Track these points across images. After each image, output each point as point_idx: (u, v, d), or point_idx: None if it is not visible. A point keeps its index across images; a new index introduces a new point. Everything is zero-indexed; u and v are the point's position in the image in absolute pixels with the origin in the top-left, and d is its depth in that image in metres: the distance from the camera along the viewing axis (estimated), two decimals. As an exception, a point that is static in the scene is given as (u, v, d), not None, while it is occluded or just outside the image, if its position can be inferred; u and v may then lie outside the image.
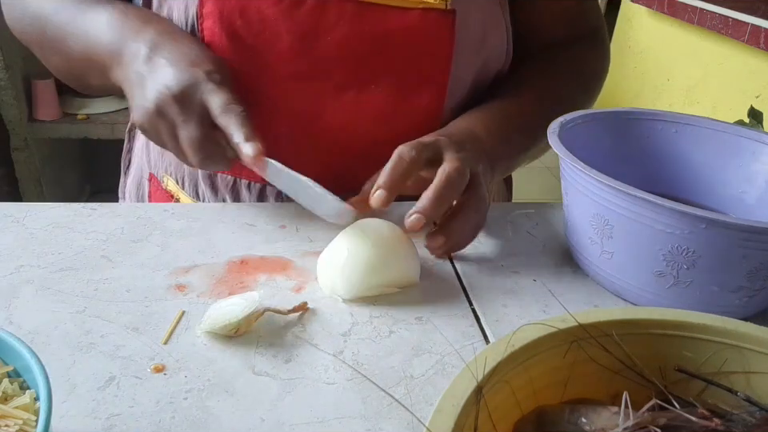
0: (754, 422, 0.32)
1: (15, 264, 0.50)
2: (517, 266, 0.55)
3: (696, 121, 0.60)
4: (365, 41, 0.58)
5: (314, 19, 0.57)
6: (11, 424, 0.29)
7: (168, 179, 0.69)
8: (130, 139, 0.78)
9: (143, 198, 0.74)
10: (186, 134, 0.52)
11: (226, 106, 0.51)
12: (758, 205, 0.56)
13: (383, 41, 0.58)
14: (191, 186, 0.67)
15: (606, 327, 0.34)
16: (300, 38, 0.57)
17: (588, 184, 0.48)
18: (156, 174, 0.71)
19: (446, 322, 0.47)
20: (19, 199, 1.87)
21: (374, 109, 0.61)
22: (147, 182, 0.73)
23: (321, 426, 0.37)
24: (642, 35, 1.82)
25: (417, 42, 0.59)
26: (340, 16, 0.57)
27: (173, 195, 0.69)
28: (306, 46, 0.58)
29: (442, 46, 0.60)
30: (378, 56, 0.59)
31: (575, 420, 0.33)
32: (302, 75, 0.59)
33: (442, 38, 0.59)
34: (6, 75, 1.71)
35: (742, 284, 0.46)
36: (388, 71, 0.60)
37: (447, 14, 0.59)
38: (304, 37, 0.57)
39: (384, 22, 0.58)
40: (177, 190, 0.68)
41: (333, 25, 0.57)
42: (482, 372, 0.30)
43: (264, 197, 0.65)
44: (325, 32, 0.57)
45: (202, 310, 0.45)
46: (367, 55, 0.59)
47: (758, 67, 1.37)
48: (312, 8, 0.56)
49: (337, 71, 0.59)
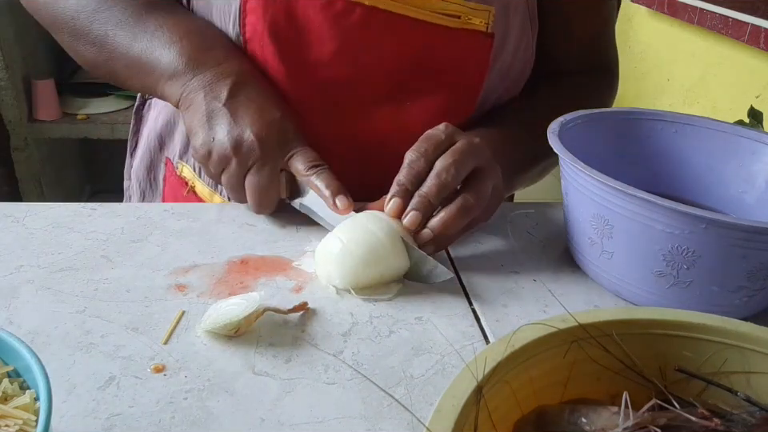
0: (753, 421, 0.32)
1: (15, 264, 0.50)
2: (517, 266, 0.55)
3: (696, 121, 0.60)
4: (406, 57, 0.59)
5: (360, 30, 0.57)
6: (11, 424, 0.29)
7: (183, 166, 0.69)
8: (137, 121, 0.79)
9: (155, 181, 0.74)
10: (256, 180, 0.54)
11: (313, 163, 0.54)
12: (757, 205, 0.56)
13: (424, 58, 0.60)
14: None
15: (605, 327, 0.34)
16: (344, 47, 0.58)
17: (588, 184, 0.48)
18: (172, 159, 0.71)
19: (445, 322, 0.47)
20: (19, 199, 1.87)
21: (408, 122, 0.61)
22: (163, 165, 0.73)
23: (321, 426, 0.37)
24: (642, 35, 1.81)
25: (455, 62, 0.61)
26: (386, 29, 0.58)
27: (187, 182, 0.69)
28: (349, 54, 0.58)
29: (478, 67, 0.61)
30: (418, 73, 0.60)
31: (575, 420, 0.33)
32: (341, 83, 0.60)
33: (479, 59, 0.61)
34: (6, 75, 1.71)
35: (742, 284, 0.46)
36: (425, 88, 0.61)
37: (487, 37, 0.60)
38: (348, 46, 0.58)
39: (427, 39, 0.59)
40: (192, 177, 0.68)
41: (378, 37, 0.58)
42: (482, 372, 0.30)
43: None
44: (369, 43, 0.58)
45: (202, 310, 0.45)
46: (407, 71, 0.60)
47: (757, 67, 1.37)
48: (360, 18, 0.57)
49: (376, 83, 0.60)
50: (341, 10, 0.57)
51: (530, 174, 0.69)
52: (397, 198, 0.51)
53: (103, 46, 0.61)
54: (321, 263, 0.51)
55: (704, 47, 1.57)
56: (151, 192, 0.76)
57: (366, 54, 0.59)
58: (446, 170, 0.51)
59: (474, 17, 0.59)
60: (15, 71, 1.75)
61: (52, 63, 1.97)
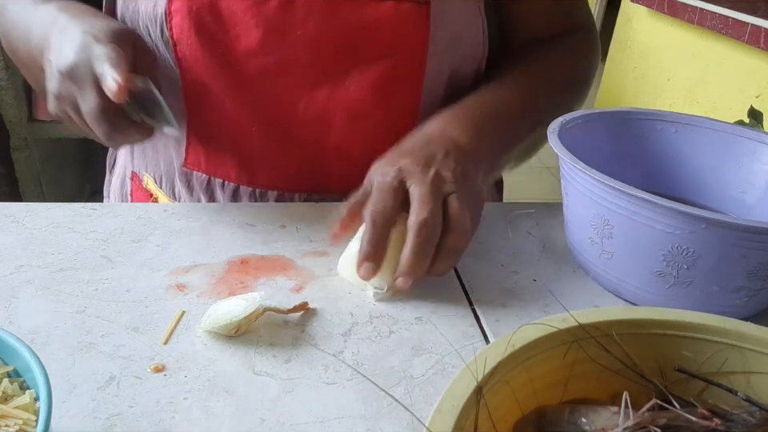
0: (753, 421, 0.32)
1: (15, 264, 0.50)
2: (517, 266, 0.55)
3: (696, 121, 0.60)
4: (336, 35, 0.57)
5: (282, 13, 0.56)
6: (11, 424, 0.29)
7: (148, 178, 0.69)
8: None
9: (126, 197, 0.74)
10: (86, 107, 0.51)
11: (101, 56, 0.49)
12: (757, 205, 0.56)
13: (355, 35, 0.57)
14: (168, 185, 0.67)
15: (606, 327, 0.34)
16: (269, 33, 0.56)
17: (588, 184, 0.48)
18: (138, 172, 0.71)
19: (445, 321, 0.47)
20: (19, 199, 1.87)
21: (348, 105, 0.60)
22: (129, 180, 0.73)
23: (321, 426, 0.37)
24: (642, 35, 1.81)
25: (390, 36, 0.58)
26: (309, 10, 0.56)
27: (152, 194, 0.69)
28: (276, 41, 0.57)
29: (417, 40, 0.58)
30: (351, 51, 0.58)
31: (575, 420, 0.33)
32: (272, 71, 0.58)
33: (417, 31, 0.58)
34: (5, 75, 1.71)
35: (742, 284, 0.46)
36: (361, 66, 0.59)
37: (422, 7, 0.57)
38: (273, 32, 0.56)
39: (356, 15, 0.57)
40: (155, 189, 0.68)
41: (302, 19, 0.56)
42: (482, 372, 0.30)
43: (238, 196, 0.64)
44: (294, 27, 0.56)
45: (202, 310, 0.45)
46: (339, 50, 0.58)
47: (757, 67, 1.37)
48: (280, 3, 0.56)
49: (308, 66, 0.58)
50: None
51: (517, 151, 0.64)
52: (368, 263, 0.48)
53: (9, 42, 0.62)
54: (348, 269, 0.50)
55: (704, 47, 1.57)
56: None
57: (291, 39, 0.57)
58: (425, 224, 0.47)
59: None
60: (15, 71, 1.75)
61: (52, 63, 1.96)
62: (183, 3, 0.56)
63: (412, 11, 0.57)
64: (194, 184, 0.65)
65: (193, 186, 0.65)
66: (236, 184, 0.64)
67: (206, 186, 0.65)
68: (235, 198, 0.64)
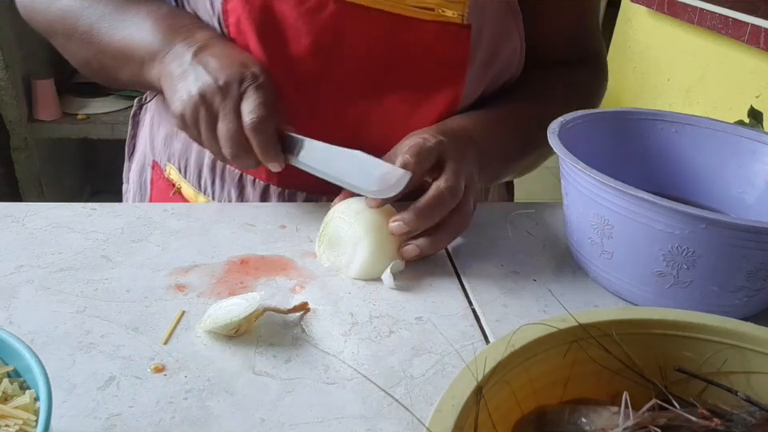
0: (753, 421, 0.32)
1: (15, 264, 0.50)
2: (517, 266, 0.55)
3: (696, 121, 0.60)
4: (381, 50, 0.59)
5: (333, 24, 0.57)
6: (11, 424, 0.29)
7: (171, 168, 0.69)
8: (134, 125, 0.79)
9: (144, 185, 0.74)
10: (225, 125, 0.53)
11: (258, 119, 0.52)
12: (757, 205, 0.56)
13: (400, 51, 0.59)
14: (194, 175, 0.67)
15: (605, 327, 0.34)
16: (318, 42, 0.58)
17: (588, 184, 0.48)
18: (159, 162, 0.71)
19: (445, 321, 0.47)
20: (19, 199, 1.87)
21: (386, 115, 0.61)
22: (150, 169, 0.73)
23: (321, 426, 0.37)
24: (642, 35, 1.81)
25: (432, 55, 0.60)
26: (359, 24, 0.58)
27: (174, 184, 0.69)
28: (324, 50, 0.58)
29: (458, 59, 0.61)
30: (394, 66, 0.60)
31: (575, 420, 0.33)
32: (317, 78, 0.60)
33: (458, 51, 0.60)
34: (6, 75, 1.71)
35: (742, 284, 0.46)
36: (403, 81, 0.61)
37: (463, 29, 0.59)
38: (322, 41, 0.58)
39: (402, 32, 0.59)
40: (179, 179, 0.69)
41: (351, 32, 0.58)
42: (482, 372, 0.30)
43: (267, 195, 0.65)
44: (342, 38, 0.58)
45: (201, 310, 0.45)
46: (383, 64, 0.60)
47: (757, 67, 1.37)
48: (333, 13, 0.57)
49: (352, 77, 0.60)
50: (314, 6, 0.57)
51: (518, 165, 0.69)
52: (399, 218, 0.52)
53: (90, 41, 0.62)
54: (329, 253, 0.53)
55: (704, 47, 1.57)
56: (140, 195, 0.76)
57: (339, 49, 0.58)
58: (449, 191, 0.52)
59: (447, 8, 0.58)
60: (15, 71, 1.75)
61: (52, 63, 1.97)
62: (238, 3, 0.58)
63: (454, 32, 0.59)
64: (226, 177, 0.66)
65: (225, 179, 0.66)
66: (266, 183, 0.65)
67: (238, 181, 0.66)
68: (265, 197, 0.65)
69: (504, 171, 0.68)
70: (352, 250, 0.51)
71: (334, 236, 0.53)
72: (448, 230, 0.53)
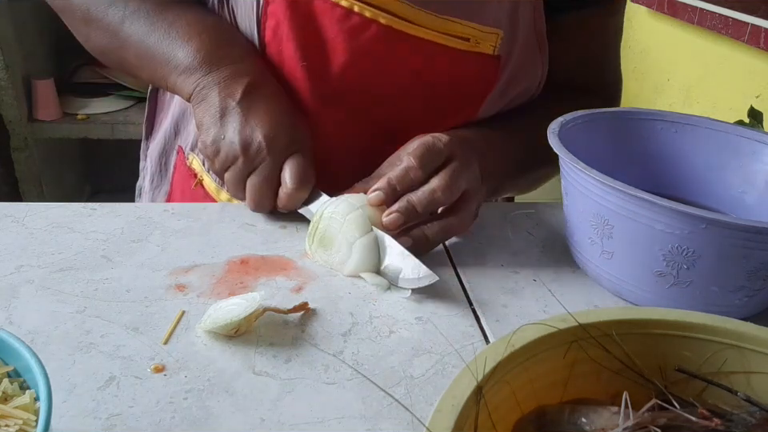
0: (754, 422, 0.32)
1: (15, 264, 0.50)
2: (517, 266, 0.55)
3: (696, 121, 0.60)
4: (414, 74, 0.60)
5: (372, 46, 0.58)
6: (11, 424, 0.29)
7: (194, 158, 0.70)
8: (152, 105, 0.79)
9: (166, 166, 0.75)
10: (258, 180, 0.55)
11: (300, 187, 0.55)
12: (757, 205, 0.56)
13: (431, 76, 0.61)
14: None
15: (605, 327, 0.34)
16: (355, 60, 0.59)
17: (588, 184, 0.48)
18: (184, 148, 0.72)
19: (446, 321, 0.47)
20: (19, 199, 1.87)
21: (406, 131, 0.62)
22: (175, 153, 0.73)
23: (321, 426, 0.37)
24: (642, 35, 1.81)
25: (461, 82, 0.62)
26: (398, 48, 0.59)
27: (196, 175, 0.69)
28: (359, 69, 0.59)
29: (482, 87, 0.62)
30: (422, 89, 0.61)
31: (575, 420, 0.33)
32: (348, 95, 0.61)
33: (485, 80, 0.62)
34: (6, 75, 1.71)
35: (742, 284, 0.46)
36: (427, 102, 0.62)
37: (493, 59, 0.61)
38: (359, 60, 0.59)
39: (436, 60, 0.60)
40: (201, 171, 0.69)
41: (388, 55, 0.59)
42: (482, 372, 0.30)
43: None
44: (379, 60, 0.59)
45: (201, 310, 0.45)
46: (412, 87, 0.61)
47: (758, 67, 1.37)
48: (374, 35, 0.58)
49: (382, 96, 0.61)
50: (357, 25, 0.57)
51: (520, 181, 0.70)
52: (380, 193, 0.52)
53: (117, 33, 0.62)
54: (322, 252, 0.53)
55: (704, 47, 1.56)
56: (160, 177, 0.76)
57: (374, 70, 0.59)
58: (441, 189, 0.52)
59: (483, 40, 0.60)
60: (15, 71, 1.75)
61: (52, 63, 1.97)
62: (280, 7, 0.58)
63: (485, 63, 0.61)
64: None
65: None
66: None
67: None
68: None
69: (505, 186, 0.68)
70: (347, 249, 0.51)
71: (326, 235, 0.53)
72: (442, 226, 0.53)
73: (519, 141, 0.65)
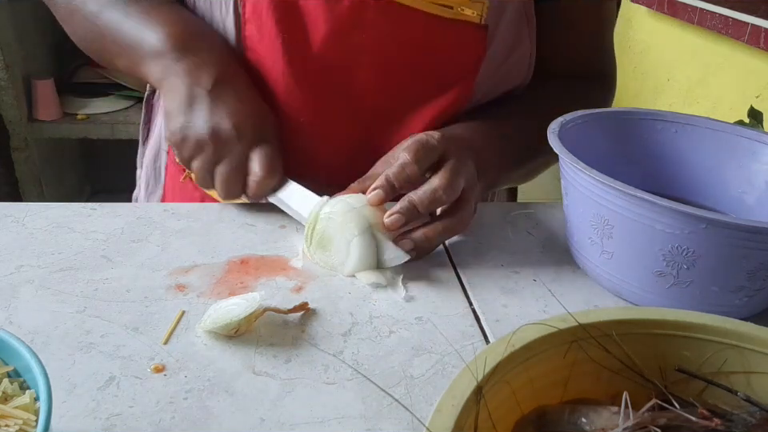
0: (754, 422, 0.32)
1: (15, 264, 0.50)
2: (517, 266, 0.55)
3: (696, 121, 0.60)
4: (398, 44, 0.59)
5: (352, 15, 0.58)
6: (11, 424, 0.29)
7: None
8: (147, 110, 0.79)
9: (159, 170, 0.75)
10: (228, 170, 0.55)
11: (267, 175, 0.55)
12: (757, 205, 0.56)
13: (416, 47, 0.60)
14: None
15: (605, 327, 0.34)
16: (335, 31, 0.58)
17: (588, 184, 0.48)
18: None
19: (445, 321, 0.47)
20: (19, 199, 1.87)
21: (398, 109, 0.62)
22: (165, 153, 0.74)
23: (321, 426, 0.37)
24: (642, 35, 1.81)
25: (448, 53, 0.61)
26: (378, 16, 0.58)
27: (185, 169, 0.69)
28: (340, 39, 0.59)
29: (472, 58, 0.61)
30: (409, 61, 0.60)
31: (575, 420, 0.33)
32: (331, 67, 0.60)
33: (473, 51, 0.61)
34: (6, 75, 1.71)
35: (742, 284, 0.46)
36: (416, 76, 0.61)
37: (480, 29, 0.60)
38: (340, 30, 0.58)
39: (419, 28, 0.59)
40: None
41: (369, 23, 0.58)
42: (482, 372, 0.30)
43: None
44: (360, 29, 0.58)
45: (201, 310, 0.45)
46: (399, 58, 0.60)
47: (757, 67, 1.37)
48: (352, 4, 0.57)
49: (365, 70, 0.60)
50: None
51: (517, 173, 0.69)
52: (380, 191, 0.52)
53: (95, 22, 0.62)
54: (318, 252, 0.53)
55: (704, 47, 1.56)
56: (154, 181, 0.77)
57: (356, 40, 0.59)
58: (443, 188, 0.52)
59: (467, 7, 0.59)
60: (15, 71, 1.75)
61: (52, 63, 1.97)
62: None
63: (471, 32, 0.60)
64: None
65: None
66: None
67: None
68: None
69: (502, 179, 0.68)
70: (345, 248, 0.51)
71: (324, 237, 0.52)
72: (444, 226, 0.53)
73: (514, 132, 0.64)
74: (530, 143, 0.63)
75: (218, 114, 0.55)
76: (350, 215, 0.52)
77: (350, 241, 0.51)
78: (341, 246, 0.52)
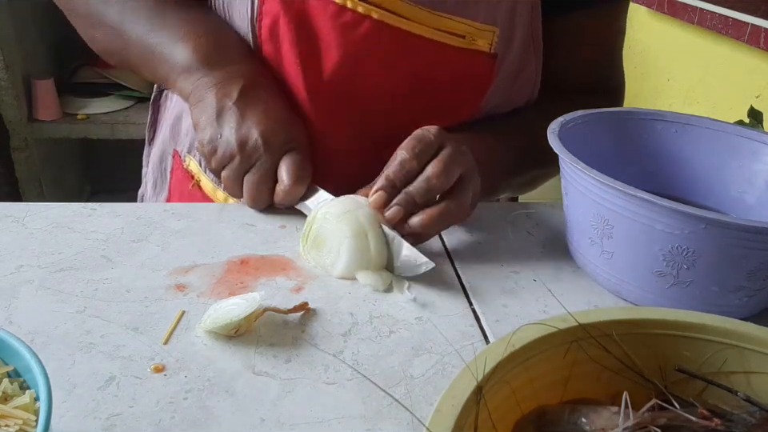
0: (753, 422, 0.32)
1: (15, 264, 0.50)
2: (517, 266, 0.55)
3: (696, 121, 0.60)
4: (408, 71, 0.60)
5: (366, 43, 0.58)
6: (11, 424, 0.29)
7: (191, 160, 0.70)
8: (154, 110, 0.80)
9: (165, 172, 0.75)
10: (256, 178, 0.56)
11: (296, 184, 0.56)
12: (758, 205, 0.56)
13: (426, 74, 0.61)
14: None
15: (605, 327, 0.34)
16: (348, 57, 0.59)
17: (588, 184, 0.48)
18: (180, 152, 0.72)
19: (445, 321, 0.47)
20: (19, 199, 1.87)
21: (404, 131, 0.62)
22: (171, 157, 0.74)
23: (321, 426, 0.37)
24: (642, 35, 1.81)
25: (457, 80, 0.62)
26: (391, 45, 0.59)
27: (193, 176, 0.70)
28: (352, 66, 0.59)
29: (480, 84, 0.62)
30: (418, 87, 0.61)
31: (575, 420, 0.33)
32: (342, 92, 0.61)
33: (482, 78, 0.62)
34: (6, 75, 1.71)
35: (742, 284, 0.46)
36: (424, 101, 0.62)
37: (490, 57, 0.61)
38: (352, 57, 0.59)
39: (431, 57, 0.60)
40: (198, 172, 0.69)
41: (382, 52, 0.59)
42: (482, 372, 0.30)
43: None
44: (372, 57, 0.59)
45: (201, 310, 0.45)
46: (408, 84, 0.61)
47: (757, 67, 1.37)
48: (367, 31, 0.58)
49: (378, 93, 0.61)
50: (349, 21, 0.58)
51: (516, 182, 0.70)
52: (383, 192, 0.52)
53: (119, 34, 0.63)
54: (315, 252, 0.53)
55: (704, 47, 1.56)
56: (161, 182, 0.77)
57: (368, 67, 0.60)
58: (436, 176, 0.52)
59: (479, 38, 0.60)
60: (15, 71, 1.75)
61: (52, 63, 1.97)
62: (275, 6, 0.58)
63: (481, 61, 0.61)
64: None
65: None
66: None
67: None
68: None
69: (501, 186, 0.68)
70: (337, 250, 0.51)
71: (319, 236, 0.52)
72: (440, 211, 0.53)
73: (514, 141, 0.64)
74: (529, 154, 0.64)
75: (246, 125, 0.56)
76: (344, 217, 0.52)
77: (342, 243, 0.51)
78: (333, 247, 0.51)
